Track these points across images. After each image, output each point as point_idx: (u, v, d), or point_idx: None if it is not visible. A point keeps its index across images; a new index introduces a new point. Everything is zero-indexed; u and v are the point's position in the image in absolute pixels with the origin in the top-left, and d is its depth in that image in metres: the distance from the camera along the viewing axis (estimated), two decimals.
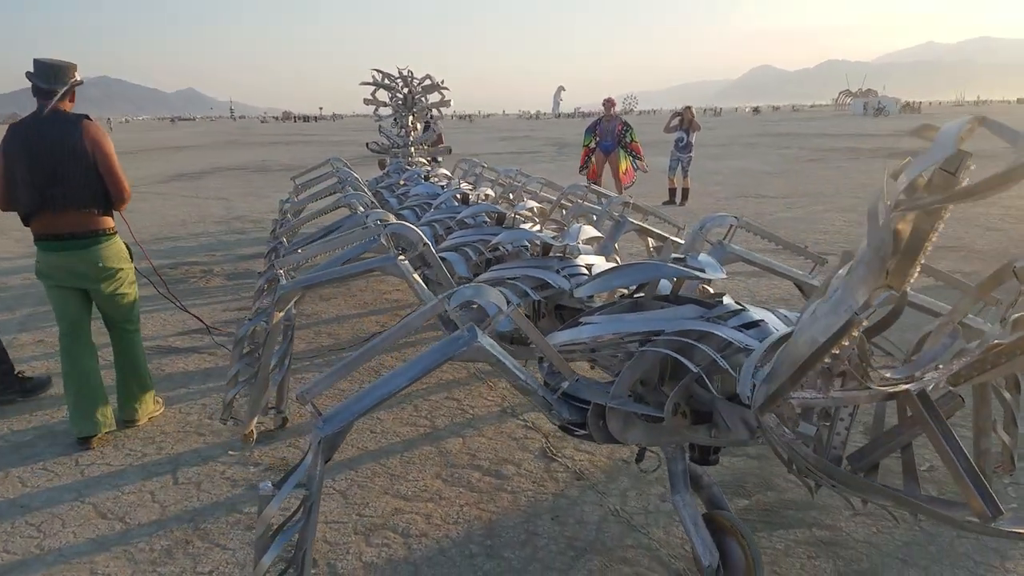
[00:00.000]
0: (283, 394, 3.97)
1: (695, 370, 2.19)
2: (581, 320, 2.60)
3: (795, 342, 1.74)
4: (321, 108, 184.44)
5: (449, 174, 7.20)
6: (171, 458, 3.69)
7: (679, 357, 2.22)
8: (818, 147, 26.80)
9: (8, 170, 3.74)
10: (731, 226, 3.67)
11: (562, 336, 2.53)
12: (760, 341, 2.22)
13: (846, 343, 1.61)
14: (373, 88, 8.99)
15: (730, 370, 2.15)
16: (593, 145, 13.44)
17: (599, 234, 3.78)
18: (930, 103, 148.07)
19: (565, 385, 2.39)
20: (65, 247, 3.79)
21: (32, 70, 3.85)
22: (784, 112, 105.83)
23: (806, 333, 1.67)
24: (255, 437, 3.58)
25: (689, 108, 13.91)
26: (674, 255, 2.77)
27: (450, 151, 9.31)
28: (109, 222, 3.93)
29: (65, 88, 3.86)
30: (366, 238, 3.58)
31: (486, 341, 2.23)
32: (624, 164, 13.27)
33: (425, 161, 8.57)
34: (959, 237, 9.07)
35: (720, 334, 2.25)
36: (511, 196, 5.94)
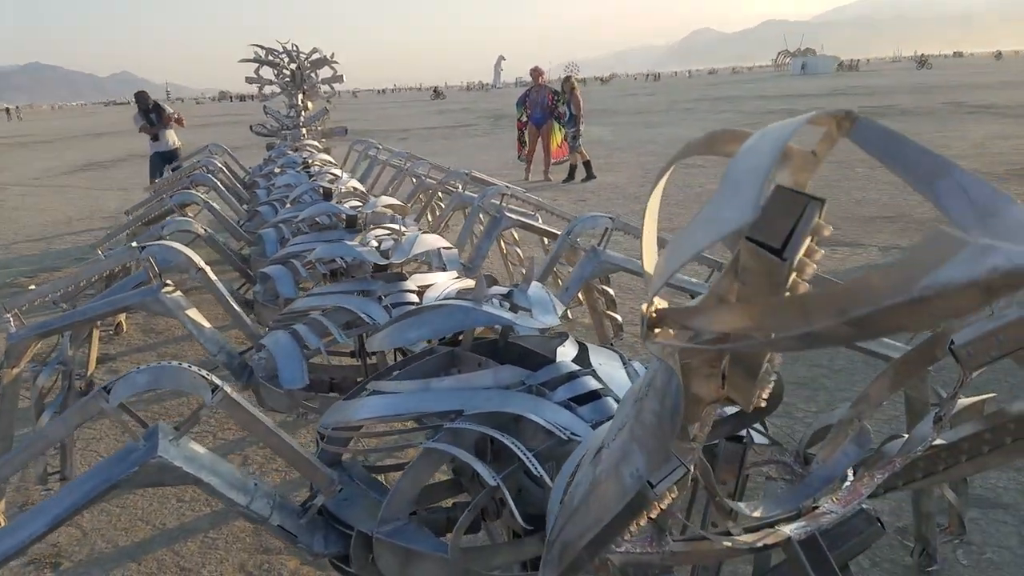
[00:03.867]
0: (67, 456, 3.17)
1: (492, 481, 1.47)
2: (369, 386, 1.86)
3: (579, 499, 1.02)
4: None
5: (330, 159, 6.36)
6: None
7: (472, 460, 1.49)
8: (755, 110, 26.36)
9: None
10: (606, 229, 2.95)
11: (331, 417, 1.78)
12: (592, 425, 1.54)
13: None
14: (256, 66, 8.06)
15: (547, 479, 1.45)
16: (525, 119, 12.73)
17: (444, 244, 3.02)
18: (868, 60, 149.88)
19: (318, 501, 1.64)
20: None
21: None
22: (723, 75, 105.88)
23: (587, 500, 0.96)
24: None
25: (569, 79, 12.93)
26: (496, 289, 2.05)
27: (346, 132, 8.43)
28: None
29: None
30: (123, 263, 2.77)
31: (179, 452, 1.47)
32: (557, 137, 12.60)
33: (317, 144, 7.70)
34: (896, 205, 8.48)
35: (536, 419, 1.54)
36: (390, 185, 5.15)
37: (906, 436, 1.29)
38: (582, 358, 1.87)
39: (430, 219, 5.30)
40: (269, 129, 8.18)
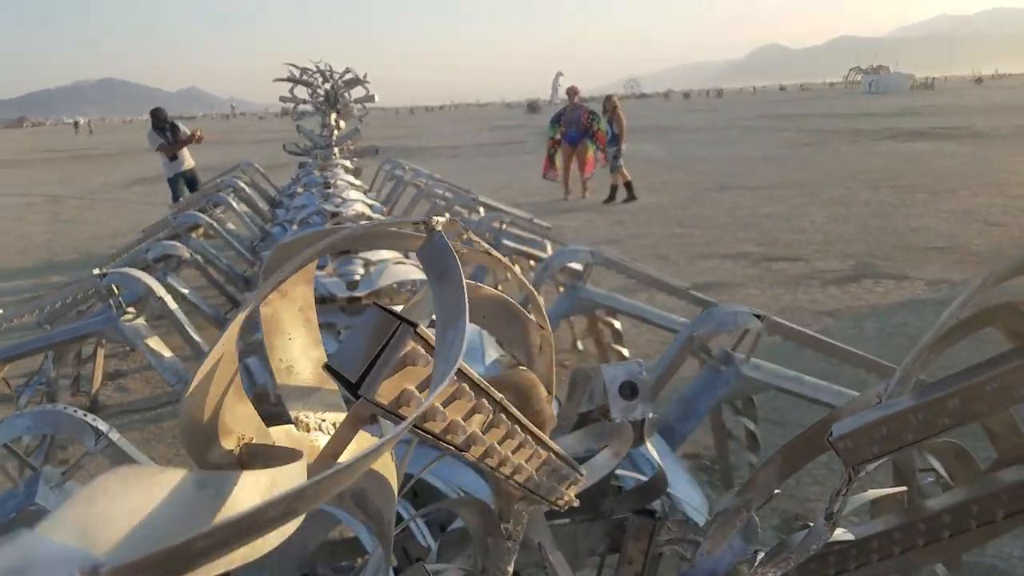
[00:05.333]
0: None
1: (371, 546, 1.35)
2: None
3: None
4: None
5: (352, 180, 6.35)
6: None
7: (353, 525, 1.37)
8: (818, 129, 25.64)
9: None
10: (587, 264, 2.79)
11: None
12: None
13: None
14: (290, 85, 8.15)
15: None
16: (559, 136, 12.63)
17: (418, 275, 2.91)
18: (946, 78, 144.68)
19: None
20: None
21: None
22: (791, 92, 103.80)
23: None
24: None
25: (610, 97, 12.70)
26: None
27: (376, 151, 8.45)
28: None
29: None
30: (86, 290, 2.75)
31: (62, 498, 1.39)
32: (589, 153, 12.48)
33: (347, 164, 7.73)
34: (953, 235, 7.98)
35: (432, 481, 1.41)
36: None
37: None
38: None
39: None
40: (302, 148, 8.25)
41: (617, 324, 3.96)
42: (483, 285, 0.67)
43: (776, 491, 1.11)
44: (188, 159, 9.61)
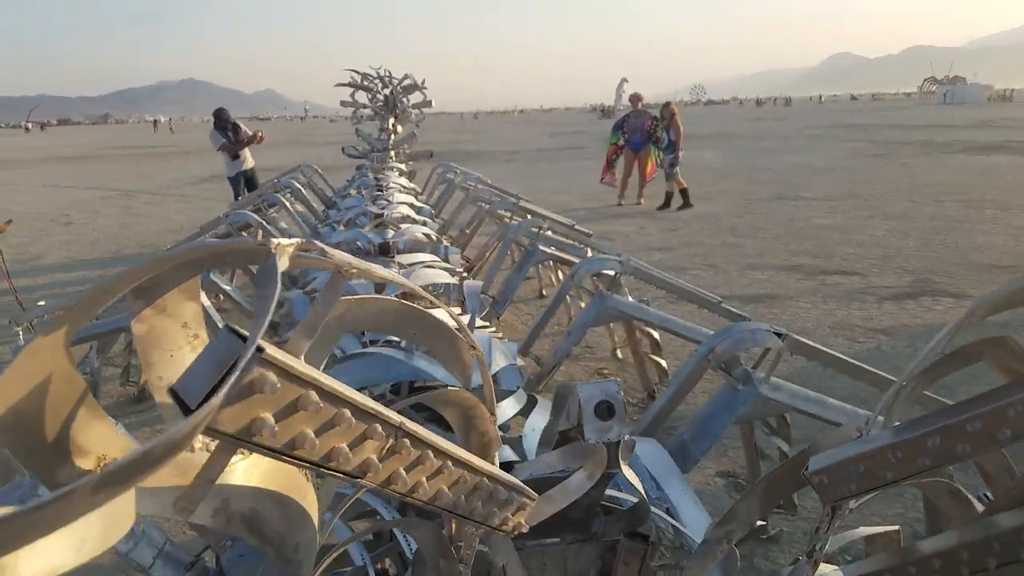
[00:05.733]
0: None
1: (360, 560, 1.35)
2: None
3: None
4: None
5: (403, 183, 6.42)
6: None
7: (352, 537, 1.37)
8: (888, 140, 24.81)
9: None
10: (616, 274, 2.74)
11: None
12: None
13: None
14: (351, 90, 8.31)
15: None
16: (621, 143, 12.58)
17: (446, 278, 2.91)
18: None
19: (207, 555, 1.55)
20: None
21: None
22: (862, 101, 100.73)
23: None
24: None
25: (669, 104, 12.53)
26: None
27: (431, 155, 8.52)
28: None
29: None
30: None
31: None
32: (652, 160, 12.41)
33: (402, 167, 7.83)
34: (1020, 253, 7.59)
35: None
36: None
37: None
38: (542, 414, 1.73)
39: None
40: (360, 151, 8.40)
41: (656, 334, 3.90)
42: (428, 311, 0.66)
43: (759, 523, 1.07)
44: (249, 159, 9.75)
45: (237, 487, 0.52)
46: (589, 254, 4.25)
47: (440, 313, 0.70)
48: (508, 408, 1.74)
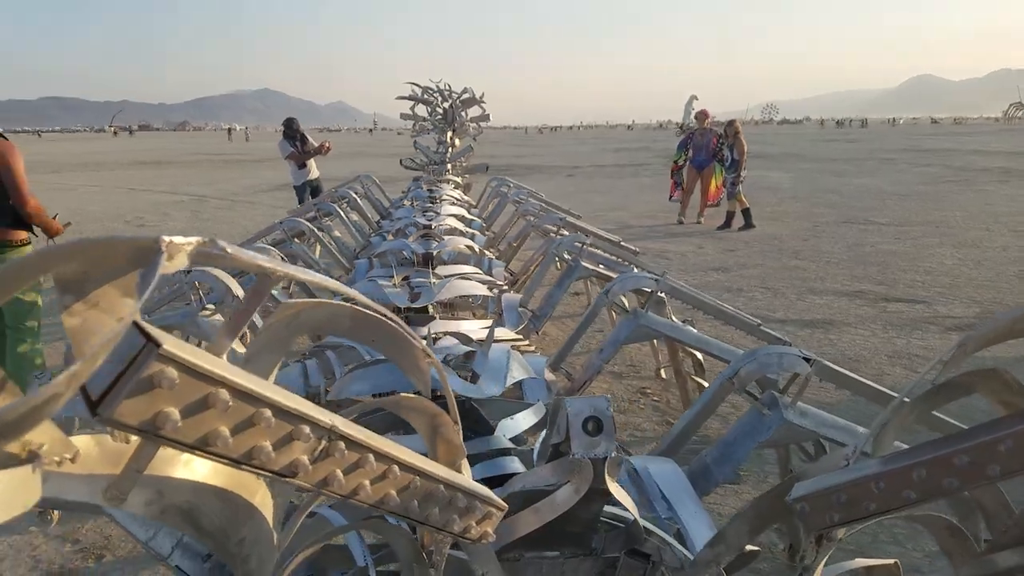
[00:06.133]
0: None
1: (362, 560, 1.36)
2: None
3: None
4: None
5: (454, 195, 6.49)
6: None
7: (350, 538, 1.39)
8: (966, 166, 23.89)
9: None
10: (651, 292, 2.71)
11: None
12: None
13: None
14: (411, 103, 8.46)
15: None
16: (683, 162, 12.46)
17: (482, 290, 2.93)
18: None
19: None
20: None
21: None
22: (943, 125, 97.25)
23: None
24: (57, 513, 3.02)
25: (733, 122, 12.30)
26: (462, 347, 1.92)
27: (487, 168, 8.59)
28: (18, 235, 4.14)
29: None
30: (172, 284, 2.95)
31: None
32: (717, 180, 12.24)
33: (458, 180, 7.93)
34: None
35: None
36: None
37: None
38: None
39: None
40: (417, 163, 8.53)
41: (699, 355, 3.83)
42: (385, 317, 0.66)
43: (748, 547, 1.04)
44: (314, 169, 9.93)
45: (173, 479, 0.53)
46: (647, 273, 4.22)
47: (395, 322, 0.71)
48: (523, 420, 1.73)
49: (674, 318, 4.04)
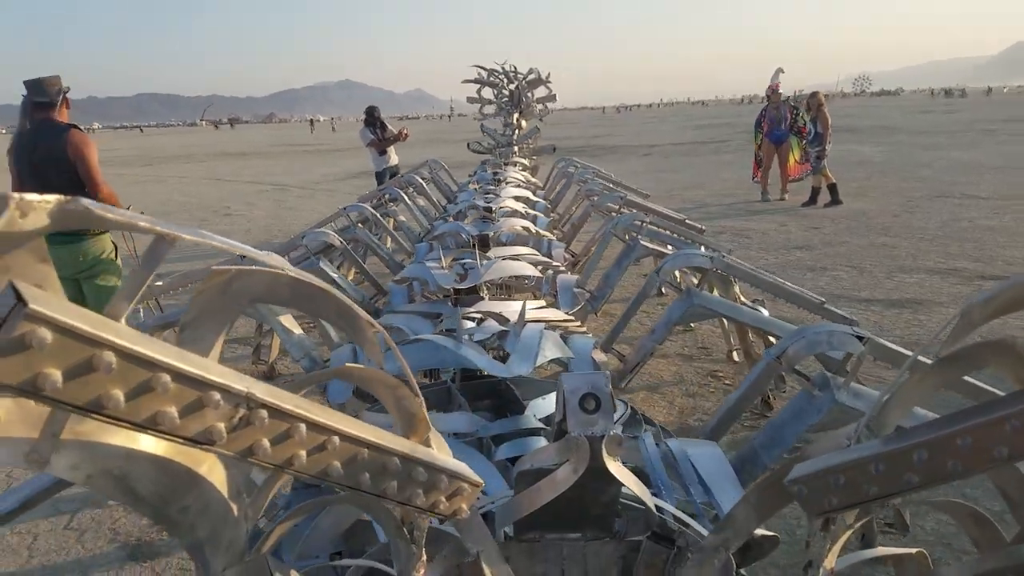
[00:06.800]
0: None
1: (383, 537, 1.37)
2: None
3: None
4: None
5: (519, 177, 6.46)
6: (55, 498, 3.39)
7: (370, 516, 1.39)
8: None
9: (17, 173, 4.24)
10: (707, 270, 2.61)
11: None
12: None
13: None
14: (478, 87, 8.46)
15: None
16: (759, 142, 12.05)
17: (530, 270, 2.89)
18: None
19: None
20: (55, 243, 4.12)
21: (26, 90, 4.22)
22: None
23: None
24: None
25: (816, 94, 11.68)
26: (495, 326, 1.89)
27: (554, 150, 8.51)
28: None
29: (46, 100, 4.18)
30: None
31: None
32: (796, 154, 11.76)
33: (525, 162, 7.90)
34: None
35: None
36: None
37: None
38: None
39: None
40: (484, 147, 8.53)
41: (772, 337, 3.70)
42: (327, 287, 0.65)
43: (762, 533, 0.98)
44: (393, 156, 10.03)
45: (100, 444, 0.54)
46: (702, 250, 4.10)
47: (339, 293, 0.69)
48: (555, 400, 1.70)
49: (743, 299, 3.92)
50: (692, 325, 5.12)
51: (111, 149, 46.33)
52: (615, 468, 1.00)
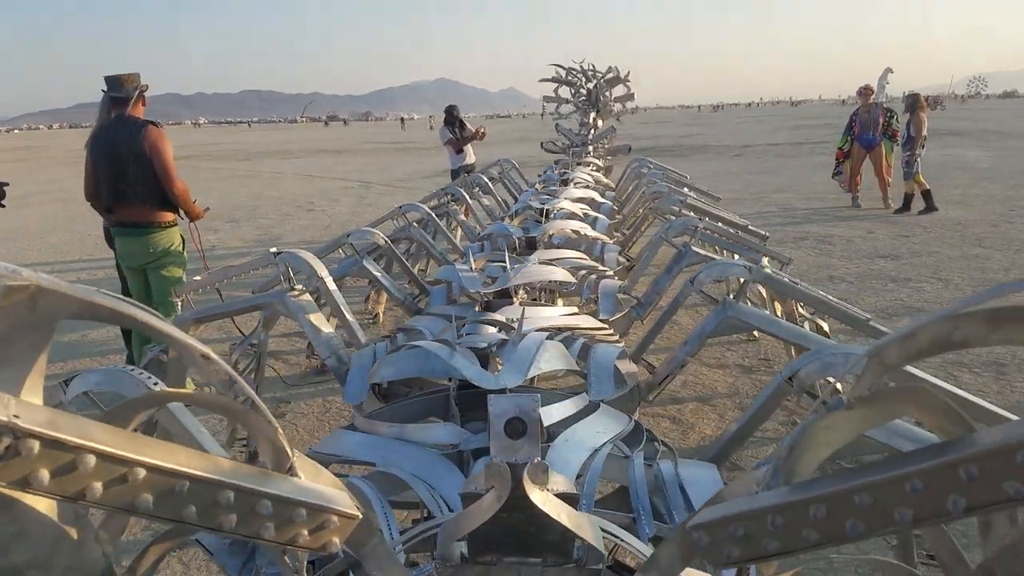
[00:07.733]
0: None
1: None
2: (356, 422, 1.81)
3: None
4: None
5: (588, 177, 6.36)
6: None
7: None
8: None
9: (93, 168, 4.41)
10: (744, 281, 2.47)
11: (324, 442, 1.76)
12: None
13: None
14: (555, 86, 8.39)
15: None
16: (847, 147, 11.46)
17: (562, 276, 2.81)
18: None
19: None
20: (126, 233, 4.41)
21: (106, 85, 4.46)
22: None
23: None
24: None
25: (916, 95, 10.96)
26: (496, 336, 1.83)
27: (629, 149, 8.35)
28: (166, 216, 4.45)
29: (123, 95, 4.36)
30: (263, 265, 3.07)
31: None
32: (888, 159, 11.16)
33: (599, 162, 7.78)
34: None
35: (419, 490, 1.37)
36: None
37: None
38: (591, 423, 1.63)
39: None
40: (559, 146, 8.46)
41: None
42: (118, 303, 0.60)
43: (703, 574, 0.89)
44: (471, 155, 10.04)
45: None
46: (764, 261, 3.91)
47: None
48: (556, 412, 1.63)
49: (801, 310, 3.71)
50: (755, 335, 4.91)
51: (214, 143, 48.66)
52: (539, 497, 0.93)
